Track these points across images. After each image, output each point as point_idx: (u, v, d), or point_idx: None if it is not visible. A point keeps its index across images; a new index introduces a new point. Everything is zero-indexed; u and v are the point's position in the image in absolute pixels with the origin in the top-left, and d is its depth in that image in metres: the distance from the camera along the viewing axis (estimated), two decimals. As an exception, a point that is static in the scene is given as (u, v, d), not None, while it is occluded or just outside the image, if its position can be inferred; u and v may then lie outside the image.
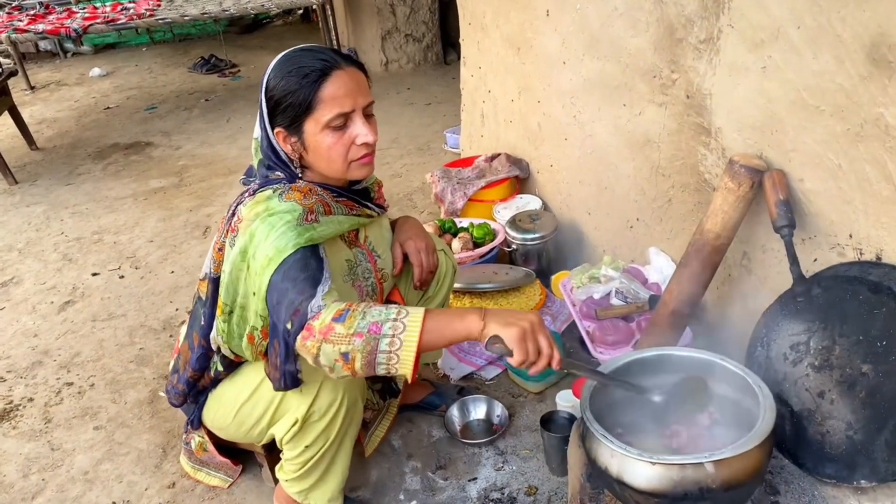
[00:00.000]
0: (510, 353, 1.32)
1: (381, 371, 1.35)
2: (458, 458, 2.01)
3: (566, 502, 1.78)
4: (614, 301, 2.16)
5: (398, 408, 2.10)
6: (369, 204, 1.75)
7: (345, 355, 1.33)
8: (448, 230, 2.84)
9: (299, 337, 1.37)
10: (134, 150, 4.88)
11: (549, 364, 1.35)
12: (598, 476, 1.43)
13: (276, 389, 1.54)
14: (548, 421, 1.92)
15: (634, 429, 1.47)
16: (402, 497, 1.90)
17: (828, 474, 1.42)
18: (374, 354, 1.32)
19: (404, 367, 1.33)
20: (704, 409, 1.48)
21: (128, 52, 8.26)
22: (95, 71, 7.13)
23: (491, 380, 2.30)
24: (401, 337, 1.33)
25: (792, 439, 1.47)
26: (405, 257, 1.85)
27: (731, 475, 1.26)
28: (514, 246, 2.73)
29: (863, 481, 1.37)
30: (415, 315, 1.34)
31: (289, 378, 1.50)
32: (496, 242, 2.74)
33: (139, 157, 4.73)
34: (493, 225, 2.85)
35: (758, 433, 1.29)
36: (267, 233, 1.46)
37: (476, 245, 2.75)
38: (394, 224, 1.93)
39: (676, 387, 1.47)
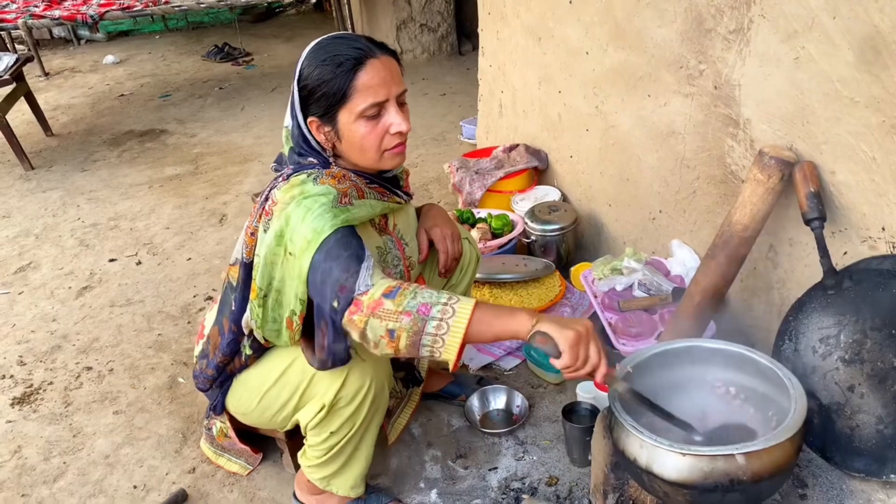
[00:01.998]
0: (557, 355, 1.31)
1: (424, 353, 1.35)
2: (478, 447, 2.01)
3: (588, 493, 1.77)
4: (637, 293, 2.15)
5: (420, 395, 2.10)
6: (398, 191, 1.75)
7: (391, 332, 1.34)
8: (466, 220, 2.83)
9: (346, 312, 1.37)
10: (149, 137, 4.89)
11: (593, 375, 1.34)
12: (625, 467, 1.42)
13: (320, 369, 1.54)
14: (569, 412, 1.91)
15: (660, 425, 1.46)
16: (422, 485, 1.91)
17: (856, 468, 1.41)
18: (420, 335, 1.32)
19: (448, 353, 1.33)
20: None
21: (141, 39, 8.26)
22: (109, 58, 7.14)
23: (510, 370, 2.30)
24: (449, 322, 1.33)
25: (820, 433, 1.46)
26: (430, 244, 1.85)
27: (762, 467, 1.25)
28: (532, 237, 2.72)
29: (892, 476, 1.36)
30: (466, 303, 1.34)
31: (338, 357, 1.50)
32: (515, 233, 2.73)
33: (154, 145, 4.74)
34: (511, 216, 2.84)
35: (789, 426, 1.28)
36: (303, 215, 1.46)
37: (494, 236, 2.74)
38: (418, 211, 1.93)
39: (720, 430, 1.46)
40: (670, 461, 1.28)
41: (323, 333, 1.48)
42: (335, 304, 1.39)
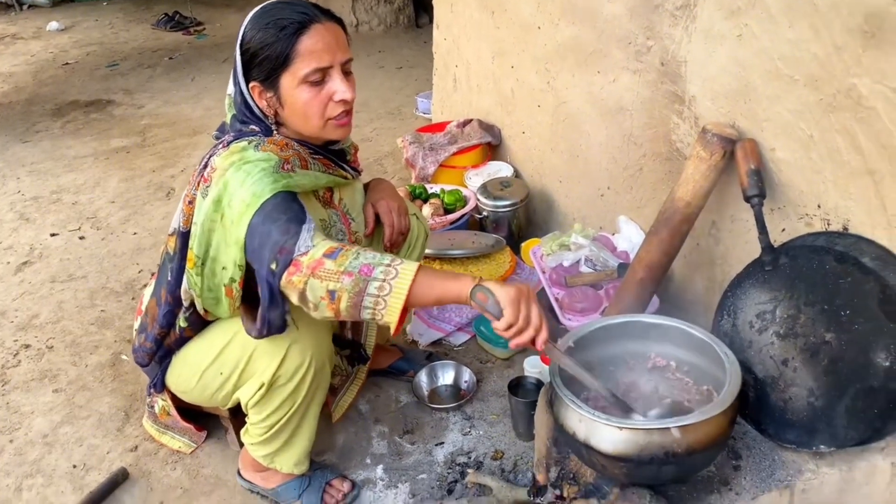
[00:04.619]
0: (498, 315, 1.29)
1: (366, 315, 1.32)
2: (426, 422, 2.02)
3: (532, 466, 1.79)
4: (584, 269, 2.16)
5: (366, 373, 2.09)
6: (345, 165, 1.72)
7: (331, 293, 1.31)
8: (419, 196, 2.81)
9: (285, 273, 1.34)
10: (94, 107, 4.73)
11: (534, 339, 1.31)
12: (565, 441, 1.44)
13: (257, 337, 1.51)
14: (515, 386, 1.92)
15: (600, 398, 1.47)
16: (368, 461, 1.90)
17: (788, 440, 1.45)
18: (361, 296, 1.30)
19: (390, 315, 1.30)
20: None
21: (87, 6, 7.97)
22: (53, 25, 6.88)
23: (460, 346, 2.30)
24: (391, 283, 1.30)
25: (755, 406, 1.49)
26: (377, 218, 1.82)
27: (696, 440, 1.27)
28: (484, 213, 2.71)
29: (822, 446, 1.40)
30: (409, 265, 1.32)
31: (273, 325, 1.47)
32: (467, 209, 2.72)
33: (100, 116, 4.59)
34: (464, 191, 2.83)
35: (723, 400, 1.31)
36: (242, 180, 1.42)
37: (447, 211, 2.73)
38: (366, 187, 1.90)
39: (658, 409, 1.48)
40: (607, 435, 1.30)
41: (261, 298, 1.46)
42: (273, 266, 1.36)
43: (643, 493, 1.34)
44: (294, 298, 1.36)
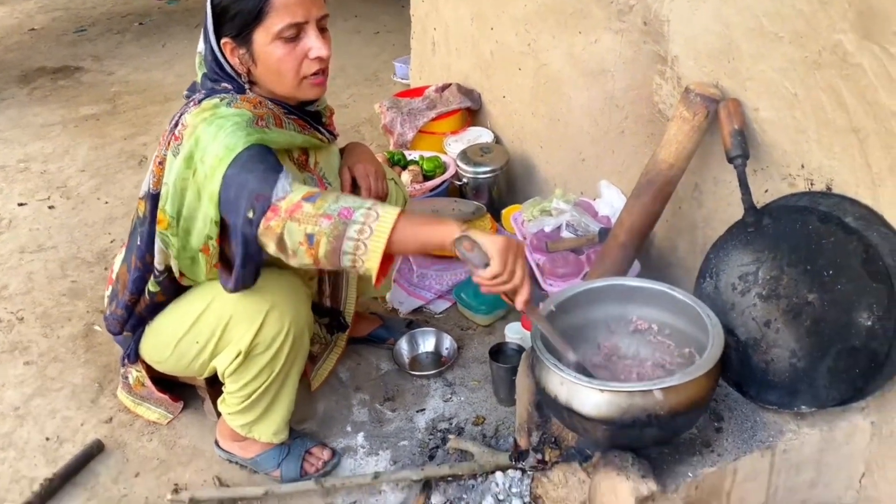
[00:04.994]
0: (485, 263, 1.24)
1: (346, 262, 1.27)
2: (407, 390, 2.00)
3: (513, 431, 1.78)
4: (565, 234, 2.14)
5: (346, 341, 2.06)
6: (320, 128, 1.67)
7: (310, 237, 1.26)
8: (397, 163, 2.76)
9: (263, 219, 1.30)
10: (62, 74, 4.59)
11: (516, 295, 1.28)
12: (546, 404, 1.42)
13: (231, 291, 1.48)
14: (496, 352, 1.91)
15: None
16: (349, 429, 1.89)
17: (770, 401, 1.44)
18: (341, 240, 1.25)
19: (371, 261, 1.25)
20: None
21: (53, -31, 7.69)
22: (17, -11, 6.62)
23: (440, 313, 2.28)
24: (372, 225, 1.25)
25: (737, 368, 1.48)
26: (353, 182, 1.78)
27: (679, 402, 1.26)
28: (464, 179, 2.67)
29: (803, 407, 1.40)
30: (391, 207, 1.27)
31: (246, 280, 1.45)
32: (447, 176, 2.68)
33: (68, 82, 4.45)
34: (443, 158, 2.78)
35: (706, 361, 1.30)
36: (214, 134, 1.37)
37: (426, 178, 2.68)
38: (342, 151, 1.85)
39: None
40: (589, 398, 1.28)
41: (236, 251, 1.42)
42: (250, 213, 1.31)
43: (625, 456, 1.33)
44: (272, 247, 1.32)
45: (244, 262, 1.41)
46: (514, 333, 2.01)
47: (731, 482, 1.40)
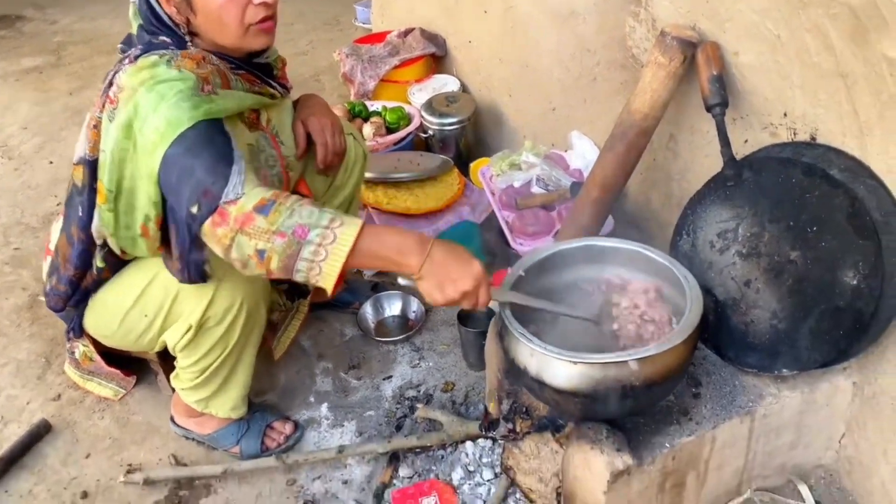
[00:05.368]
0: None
1: (299, 278, 1.18)
2: (373, 356, 1.91)
3: (483, 398, 1.71)
4: (535, 189, 2.04)
5: (308, 307, 1.96)
6: (272, 82, 1.53)
7: (260, 253, 1.16)
8: (359, 114, 2.62)
9: (208, 222, 1.18)
10: (1, 24, 4.30)
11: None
12: (516, 375, 1.34)
13: (182, 281, 1.38)
14: (465, 316, 1.82)
15: (552, 328, 1.38)
16: (312, 400, 1.80)
17: (750, 364, 1.38)
18: (294, 259, 1.15)
19: (326, 281, 1.17)
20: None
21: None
22: (-49, -68, 6.20)
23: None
24: (328, 248, 1.15)
25: (715, 330, 1.41)
26: (308, 138, 1.65)
27: (655, 372, 1.19)
28: (430, 131, 2.54)
29: (784, 370, 1.33)
30: (349, 228, 1.16)
31: (194, 269, 1.35)
32: (411, 128, 2.54)
33: (8, 33, 4.18)
34: (407, 108, 2.64)
35: (684, 327, 1.22)
36: (156, 104, 1.23)
37: (389, 131, 2.55)
38: (296, 105, 1.71)
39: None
40: (560, 370, 1.20)
41: (177, 240, 1.31)
42: (194, 209, 1.20)
43: (599, 428, 1.27)
44: (217, 251, 1.22)
45: (191, 249, 1.30)
46: (484, 294, 1.93)
47: (709, 450, 1.34)
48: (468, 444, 1.60)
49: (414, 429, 1.70)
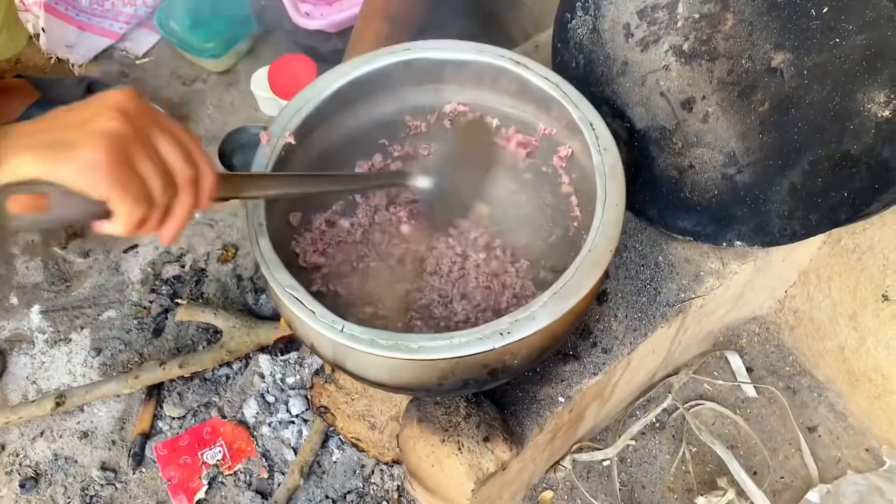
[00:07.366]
0: (97, 213, 0.51)
1: None
2: (103, 215, 1.23)
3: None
4: None
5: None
6: None
7: None
8: None
9: None
10: None
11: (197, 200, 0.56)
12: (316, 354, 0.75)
13: None
14: (233, 147, 1.14)
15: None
16: (14, 301, 1.15)
17: (682, 229, 0.85)
18: None
19: None
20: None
21: None
22: None
23: (143, 58, 1.40)
24: None
25: (631, 176, 0.84)
26: None
27: (534, 345, 0.64)
28: None
29: (738, 243, 0.82)
30: None
31: None
32: None
33: None
34: None
35: (574, 286, 0.63)
36: None
37: None
38: None
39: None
40: (373, 364, 0.63)
41: None
42: None
43: (454, 403, 0.74)
44: None
45: None
46: (263, 91, 1.23)
47: (621, 373, 0.87)
48: (262, 358, 1.06)
49: (182, 334, 1.12)
